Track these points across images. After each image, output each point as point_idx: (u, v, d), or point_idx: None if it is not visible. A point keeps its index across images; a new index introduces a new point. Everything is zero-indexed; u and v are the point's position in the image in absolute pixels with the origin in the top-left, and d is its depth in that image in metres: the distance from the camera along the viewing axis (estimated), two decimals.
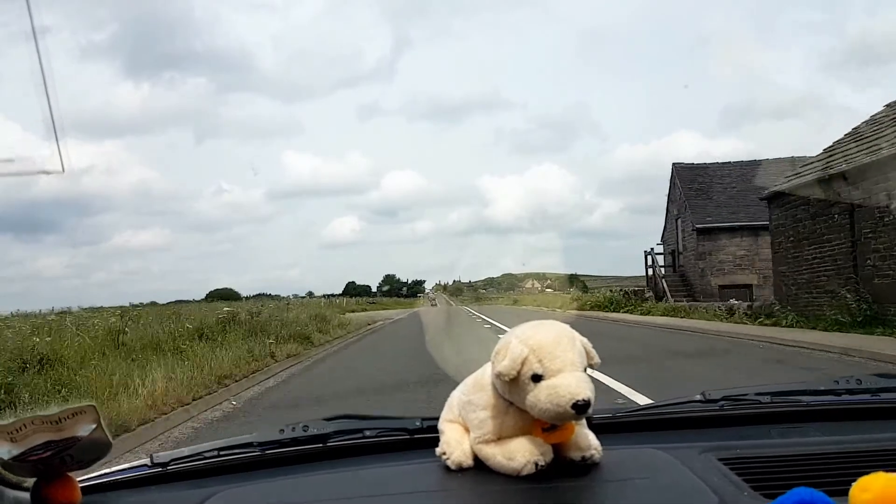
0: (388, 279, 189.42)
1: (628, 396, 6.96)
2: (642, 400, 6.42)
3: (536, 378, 0.97)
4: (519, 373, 0.98)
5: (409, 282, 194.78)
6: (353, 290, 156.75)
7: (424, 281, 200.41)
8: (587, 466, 1.04)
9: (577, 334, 1.03)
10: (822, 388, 1.37)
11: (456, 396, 1.15)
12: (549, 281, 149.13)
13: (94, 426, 0.98)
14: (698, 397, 1.35)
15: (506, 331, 1.13)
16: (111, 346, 11.01)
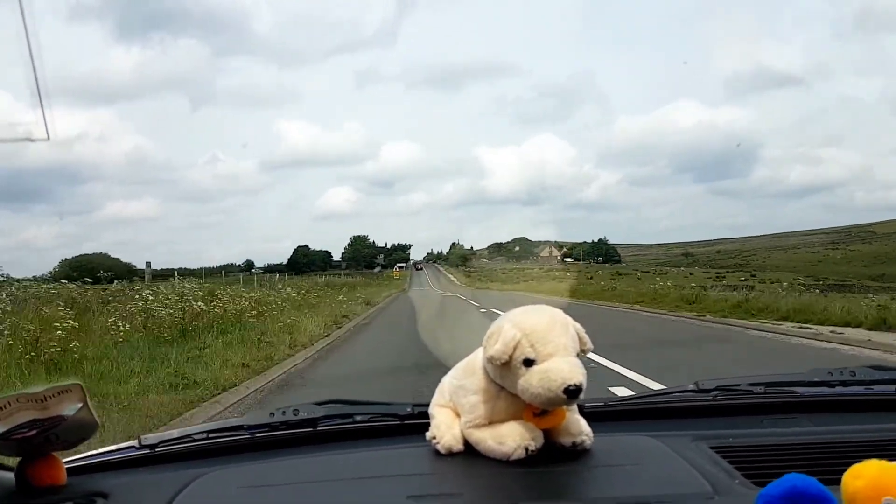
0: (357, 243, 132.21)
1: None
2: None
3: (528, 362, 0.96)
4: (511, 357, 0.97)
5: (389, 247, 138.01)
6: (302, 259, 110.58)
7: (410, 246, 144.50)
8: (578, 452, 1.03)
9: (570, 319, 1.02)
10: (816, 379, 1.37)
11: (447, 381, 1.14)
12: (565, 249, 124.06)
13: (80, 405, 0.96)
14: (691, 387, 1.34)
15: None
16: None
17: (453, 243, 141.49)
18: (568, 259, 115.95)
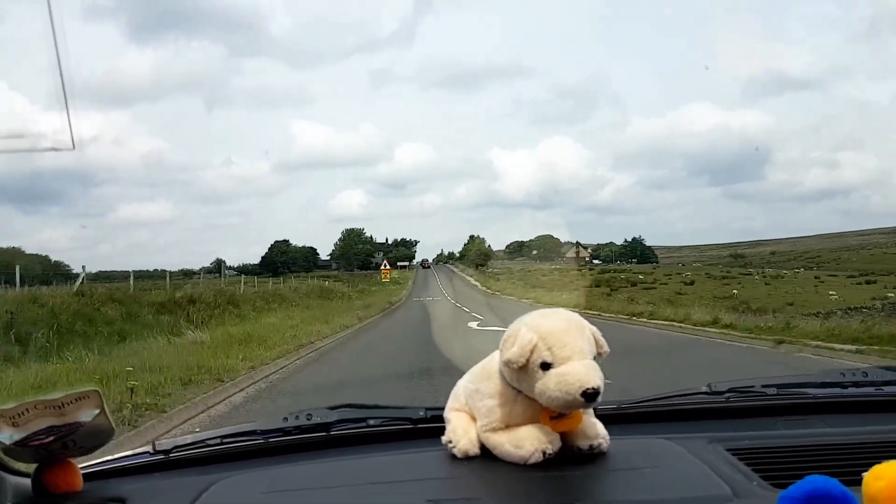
0: (349, 238, 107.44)
1: None
2: None
3: (545, 366, 0.96)
4: (528, 360, 0.97)
5: (390, 242, 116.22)
6: (279, 257, 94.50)
7: (416, 242, 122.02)
8: (595, 455, 1.03)
9: (586, 322, 1.02)
10: (828, 380, 1.37)
11: (462, 385, 1.14)
12: (589, 250, 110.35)
13: (96, 412, 0.96)
14: (704, 389, 1.34)
15: None
16: None
17: (471, 236, 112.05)
18: (596, 260, 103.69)
